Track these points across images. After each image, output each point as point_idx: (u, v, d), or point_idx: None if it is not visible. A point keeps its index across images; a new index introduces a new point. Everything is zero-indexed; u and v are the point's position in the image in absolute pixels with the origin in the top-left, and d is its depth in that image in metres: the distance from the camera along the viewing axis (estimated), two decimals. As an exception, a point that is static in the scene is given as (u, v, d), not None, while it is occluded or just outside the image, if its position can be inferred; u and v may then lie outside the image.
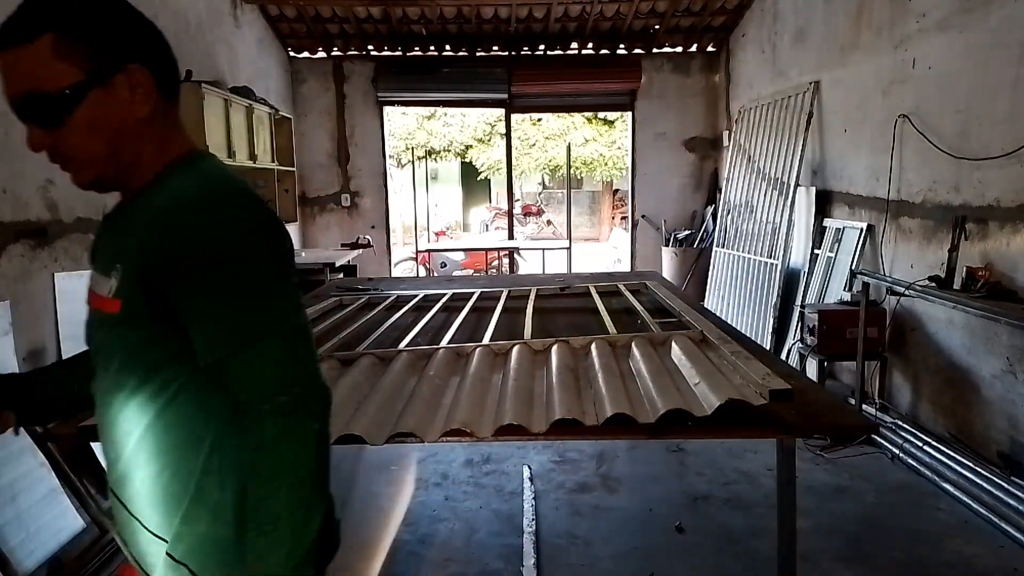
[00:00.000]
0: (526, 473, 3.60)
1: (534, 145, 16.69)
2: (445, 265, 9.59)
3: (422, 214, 8.77)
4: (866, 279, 4.04)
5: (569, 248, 7.55)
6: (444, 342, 2.55)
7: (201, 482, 0.94)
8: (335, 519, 1.01)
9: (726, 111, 7.23)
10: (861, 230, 4.53)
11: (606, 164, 16.33)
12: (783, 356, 4.91)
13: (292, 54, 7.26)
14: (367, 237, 7.34)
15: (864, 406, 4.08)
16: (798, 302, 5.01)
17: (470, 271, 9.53)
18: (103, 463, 0.93)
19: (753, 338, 4.04)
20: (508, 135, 8.17)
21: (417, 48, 7.35)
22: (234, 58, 5.72)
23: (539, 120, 16.37)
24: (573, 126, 16.32)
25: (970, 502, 3.13)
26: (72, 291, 3.36)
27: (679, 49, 7.39)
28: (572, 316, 3.11)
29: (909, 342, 4.08)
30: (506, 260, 9.09)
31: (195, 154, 0.99)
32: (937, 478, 3.38)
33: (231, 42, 5.71)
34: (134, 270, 0.90)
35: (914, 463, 3.56)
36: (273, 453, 0.86)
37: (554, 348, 2.38)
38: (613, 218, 18.24)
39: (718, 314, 5.31)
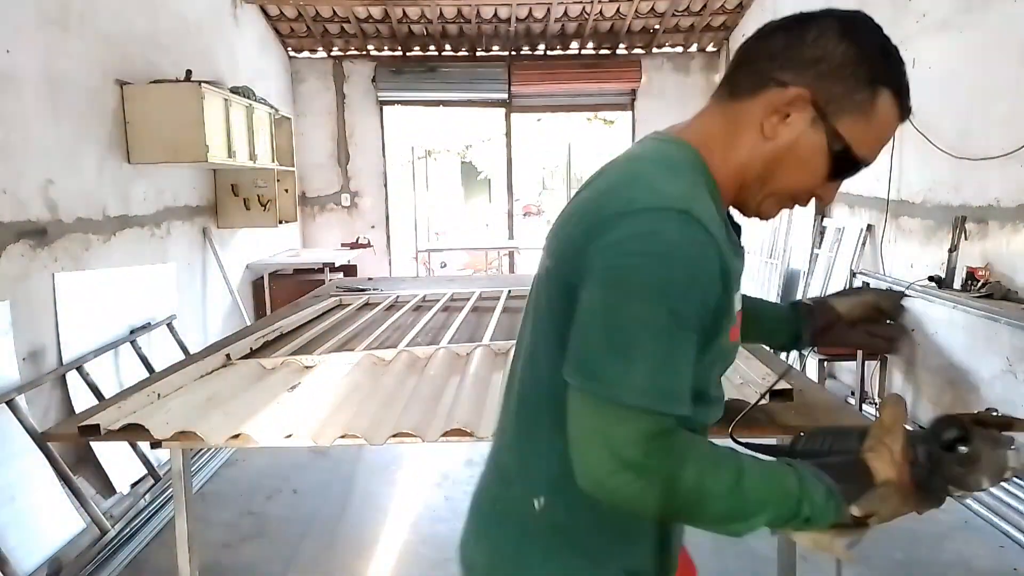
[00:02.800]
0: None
1: (534, 145, 16.68)
2: (445, 265, 9.59)
3: (422, 214, 8.77)
4: (866, 279, 4.03)
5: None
6: (444, 342, 2.55)
7: None
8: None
9: (726, 111, 7.22)
10: (861, 230, 4.53)
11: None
12: (783, 356, 4.91)
13: (292, 54, 7.25)
14: (367, 237, 7.33)
15: (864, 406, 4.08)
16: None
17: (470, 271, 9.53)
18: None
19: (753, 338, 4.03)
20: (508, 135, 8.17)
21: (417, 48, 7.35)
22: (234, 58, 5.72)
23: (539, 120, 16.36)
24: (574, 126, 16.31)
25: (970, 502, 3.13)
26: (72, 291, 3.36)
27: (679, 49, 7.38)
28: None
29: (909, 342, 4.08)
30: (506, 260, 9.09)
31: None
32: (937, 478, 3.38)
33: (231, 42, 5.71)
34: None
35: (914, 463, 3.56)
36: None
37: (554, 348, 2.38)
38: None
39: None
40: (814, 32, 0.83)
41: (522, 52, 7.39)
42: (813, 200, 0.94)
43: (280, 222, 5.70)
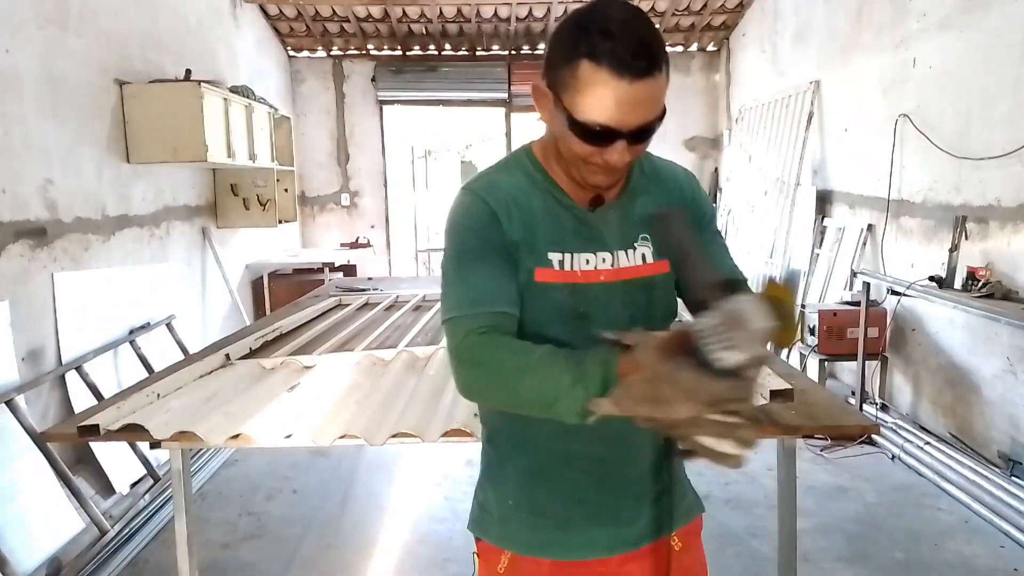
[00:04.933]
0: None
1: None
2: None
3: (422, 214, 8.77)
4: (866, 279, 4.03)
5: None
6: (444, 342, 2.54)
7: None
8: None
9: (726, 111, 7.22)
10: (862, 230, 4.53)
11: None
12: (783, 356, 4.91)
13: (292, 53, 7.25)
14: (367, 237, 7.33)
15: (864, 406, 4.07)
16: (798, 302, 5.01)
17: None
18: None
19: (753, 338, 4.03)
20: (508, 135, 8.16)
21: (417, 48, 7.35)
22: (233, 57, 5.72)
23: (539, 119, 16.33)
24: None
25: (970, 502, 3.13)
26: (72, 291, 3.36)
27: (679, 48, 7.38)
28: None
29: (909, 342, 4.08)
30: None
31: None
32: (938, 478, 3.38)
33: (230, 41, 5.71)
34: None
35: (914, 463, 3.56)
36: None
37: (554, 348, 2.37)
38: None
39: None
40: (553, 32, 1.02)
41: (522, 51, 7.38)
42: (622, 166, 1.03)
43: (280, 222, 5.70)
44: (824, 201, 5.12)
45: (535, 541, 1.13)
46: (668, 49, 1.01)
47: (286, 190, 6.01)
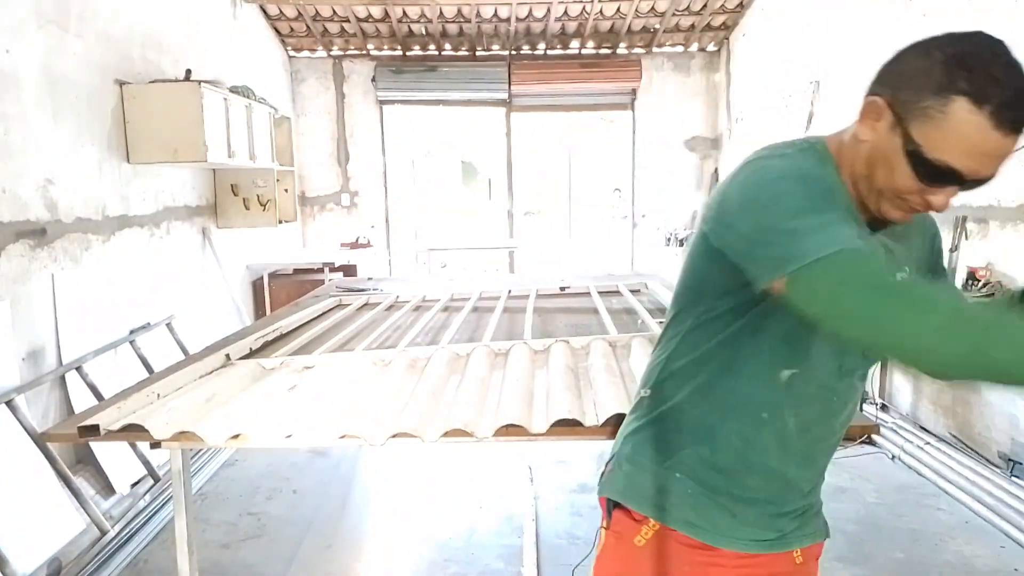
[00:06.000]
0: (526, 473, 3.60)
1: (534, 144, 16.67)
2: (445, 265, 9.58)
3: (422, 214, 8.77)
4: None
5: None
6: (444, 342, 2.54)
7: None
8: None
9: (727, 111, 7.22)
10: (861, 230, 4.52)
11: (605, 163, 16.32)
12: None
13: (292, 53, 7.25)
14: (367, 237, 7.33)
15: (864, 406, 4.07)
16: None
17: (468, 268, 9.52)
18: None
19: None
20: (508, 135, 8.17)
21: (417, 48, 7.35)
22: (233, 57, 5.72)
23: (539, 118, 16.34)
24: (574, 125, 16.30)
25: (970, 502, 3.13)
26: (72, 291, 3.36)
27: (679, 48, 7.37)
28: (572, 316, 3.11)
29: None
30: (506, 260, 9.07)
31: None
32: (938, 478, 3.38)
33: (230, 41, 5.70)
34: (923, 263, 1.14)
35: (915, 463, 3.56)
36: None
37: (554, 348, 2.38)
38: (613, 218, 18.22)
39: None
40: (908, 50, 0.96)
41: (522, 51, 7.38)
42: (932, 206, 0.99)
43: (280, 222, 5.69)
44: (824, 201, 5.12)
45: (693, 519, 1.15)
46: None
47: (286, 190, 6.01)
